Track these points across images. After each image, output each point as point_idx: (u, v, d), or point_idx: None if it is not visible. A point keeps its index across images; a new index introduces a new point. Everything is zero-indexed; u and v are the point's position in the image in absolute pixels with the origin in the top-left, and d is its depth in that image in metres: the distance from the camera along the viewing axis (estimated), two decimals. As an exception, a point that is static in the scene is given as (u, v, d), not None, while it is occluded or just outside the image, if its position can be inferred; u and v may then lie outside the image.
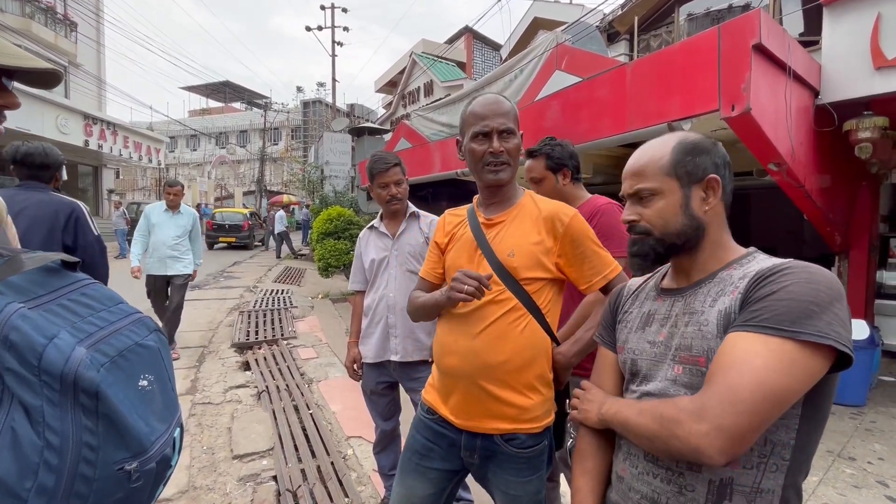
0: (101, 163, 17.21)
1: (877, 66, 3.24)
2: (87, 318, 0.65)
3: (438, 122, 7.39)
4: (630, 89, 3.56)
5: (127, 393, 0.63)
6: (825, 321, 0.66)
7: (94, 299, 0.68)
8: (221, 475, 2.54)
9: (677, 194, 0.83)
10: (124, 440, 0.61)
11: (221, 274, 10.08)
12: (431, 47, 17.85)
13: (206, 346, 4.99)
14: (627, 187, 0.88)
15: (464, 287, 1.08)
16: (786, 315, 0.67)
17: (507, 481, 1.20)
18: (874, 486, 2.56)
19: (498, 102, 1.22)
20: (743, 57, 2.75)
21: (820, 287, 0.68)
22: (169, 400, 0.72)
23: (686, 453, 0.70)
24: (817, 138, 3.55)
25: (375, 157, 2.00)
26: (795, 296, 0.68)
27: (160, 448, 0.66)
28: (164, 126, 30.36)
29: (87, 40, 16.07)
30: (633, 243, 0.88)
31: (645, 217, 0.85)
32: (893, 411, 3.55)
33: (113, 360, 0.63)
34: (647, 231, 0.85)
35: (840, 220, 4.26)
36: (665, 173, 0.83)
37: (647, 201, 0.85)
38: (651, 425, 0.75)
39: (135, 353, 0.67)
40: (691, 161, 0.83)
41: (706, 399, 0.68)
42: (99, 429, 0.58)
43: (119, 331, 0.67)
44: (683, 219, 0.83)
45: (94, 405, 0.58)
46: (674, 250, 0.85)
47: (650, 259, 0.86)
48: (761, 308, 0.69)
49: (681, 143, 0.84)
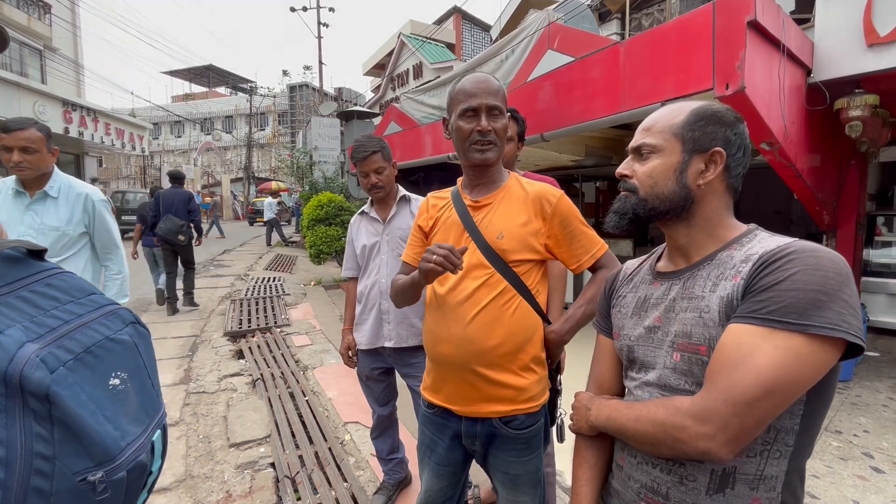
0: (82, 151, 16.74)
1: (869, 44, 3.22)
2: (49, 311, 0.58)
3: (429, 105, 7.27)
4: (623, 69, 3.51)
5: (94, 392, 0.57)
6: (835, 311, 0.62)
7: (61, 290, 0.62)
8: (219, 463, 2.54)
9: (675, 157, 0.78)
10: (85, 447, 0.54)
11: (211, 262, 9.96)
12: (419, 28, 17.49)
13: (198, 336, 4.95)
14: (633, 141, 0.84)
15: (432, 257, 1.04)
16: (793, 307, 0.63)
17: (508, 462, 1.21)
18: (860, 458, 2.63)
19: (487, 81, 1.21)
20: (738, 34, 2.71)
21: (828, 273, 0.63)
22: (147, 399, 0.66)
23: (694, 455, 0.69)
24: (808, 117, 3.54)
25: (355, 145, 1.94)
26: (803, 285, 0.63)
27: (132, 454, 0.60)
28: (147, 112, 29.62)
29: (62, 23, 15.48)
30: (618, 200, 0.84)
31: (637, 174, 0.82)
32: (878, 385, 3.65)
33: (78, 357, 0.57)
34: (634, 189, 0.81)
35: (829, 199, 4.29)
36: (672, 133, 0.79)
37: (644, 158, 0.81)
38: (652, 431, 0.72)
39: (104, 349, 0.61)
40: (702, 128, 0.78)
41: (710, 402, 0.66)
42: (54, 436, 0.52)
43: (87, 324, 0.61)
44: (673, 185, 0.78)
45: (47, 410, 0.52)
46: (655, 216, 0.80)
47: (627, 218, 0.82)
48: (766, 298, 0.65)
49: (700, 108, 0.80)
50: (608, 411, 0.83)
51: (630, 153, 0.85)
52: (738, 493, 0.70)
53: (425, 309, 1.32)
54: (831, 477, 2.45)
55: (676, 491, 0.74)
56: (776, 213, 7.71)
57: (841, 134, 3.65)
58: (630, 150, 0.84)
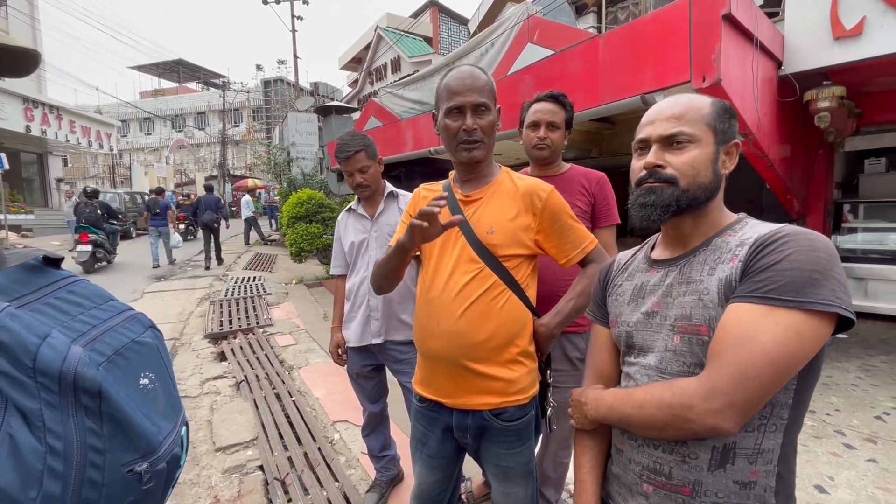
0: (46, 150, 16.05)
1: (836, 37, 3.33)
2: (77, 316, 0.61)
3: (409, 99, 7.21)
4: (603, 62, 3.55)
5: (129, 392, 0.60)
6: (829, 288, 0.66)
7: (83, 297, 0.65)
8: (205, 469, 2.49)
9: (711, 148, 0.79)
10: (132, 441, 0.58)
11: (188, 263, 9.71)
12: (396, 21, 17.30)
13: (177, 339, 4.82)
14: (662, 129, 0.80)
15: (423, 216, 1.02)
16: (791, 285, 0.67)
17: (499, 454, 1.22)
18: (833, 436, 2.75)
19: (473, 76, 1.18)
20: (713, 27, 2.77)
21: (821, 254, 0.68)
22: (171, 398, 0.70)
23: (702, 433, 0.71)
24: (779, 108, 3.65)
25: (339, 143, 1.90)
26: (799, 264, 0.67)
27: (169, 447, 0.64)
28: (114, 109, 28.50)
29: (19, 15, 14.72)
30: (651, 192, 0.80)
31: (674, 164, 0.79)
32: (846, 365, 3.82)
33: (110, 358, 0.60)
34: (672, 179, 0.78)
35: (799, 188, 4.44)
36: (706, 123, 0.79)
37: (680, 148, 0.79)
38: (659, 415, 0.74)
39: (133, 351, 0.64)
40: (727, 120, 0.81)
41: (717, 379, 0.68)
42: (104, 430, 0.55)
43: (113, 328, 0.64)
44: (711, 174, 0.79)
45: (97, 406, 0.55)
46: (694, 205, 0.79)
47: (670, 210, 0.79)
48: (765, 278, 0.69)
49: (717, 101, 0.82)
50: (608, 402, 0.84)
51: (655, 143, 0.81)
52: (738, 468, 0.73)
53: (415, 304, 1.31)
54: (807, 455, 2.56)
55: (679, 469, 0.77)
56: (748, 203, 7.96)
57: (809, 125, 3.78)
58: (655, 139, 0.81)
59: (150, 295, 6.75)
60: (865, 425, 2.85)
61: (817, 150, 4.56)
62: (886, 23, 3.10)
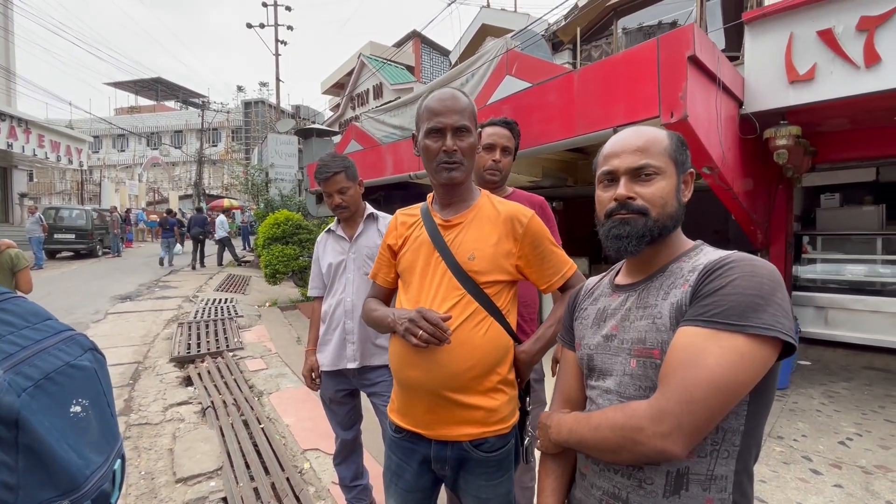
0: (10, 163, 15.46)
1: (790, 80, 3.59)
2: (5, 336, 0.56)
3: (390, 125, 7.31)
4: (577, 95, 3.70)
5: (55, 421, 0.55)
6: (770, 313, 0.68)
7: (16, 315, 0.60)
8: (163, 502, 2.34)
9: (674, 178, 0.83)
10: (51, 476, 0.52)
11: (156, 284, 9.37)
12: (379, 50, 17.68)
13: (140, 362, 4.60)
14: (630, 162, 0.82)
15: (418, 332, 1.05)
16: (734, 309, 0.69)
17: (479, 486, 1.18)
18: (800, 462, 2.81)
19: (454, 98, 1.18)
20: (680, 67, 2.94)
21: (763, 280, 0.70)
22: (107, 428, 0.64)
23: (653, 456, 0.71)
24: (742, 145, 3.87)
25: (319, 165, 1.91)
26: (741, 290, 0.70)
27: (97, 483, 0.58)
28: (87, 124, 27.87)
29: (-9, 27, 14.41)
30: (624, 223, 0.82)
31: (644, 196, 0.81)
32: (811, 392, 3.93)
33: (38, 383, 0.54)
34: (644, 210, 0.81)
35: (762, 220, 4.67)
36: (668, 155, 0.83)
37: (648, 180, 0.82)
38: (612, 437, 0.75)
39: (65, 376, 0.58)
40: (684, 151, 0.86)
41: (664, 402, 0.70)
42: (19, 464, 0.50)
43: (45, 350, 0.58)
44: (676, 204, 0.83)
45: (13, 436, 0.49)
46: (664, 234, 0.82)
47: (645, 241, 0.81)
48: (710, 302, 0.71)
49: (673, 133, 0.87)
50: (568, 425, 0.85)
51: (623, 175, 0.83)
52: (692, 495, 0.74)
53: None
54: (776, 481, 2.60)
55: (636, 495, 0.77)
56: (715, 233, 8.29)
57: (770, 160, 4.00)
58: (623, 171, 0.83)
59: (114, 316, 6.45)
60: (830, 451, 2.93)
61: (778, 184, 4.83)
62: (835, 70, 3.36)
